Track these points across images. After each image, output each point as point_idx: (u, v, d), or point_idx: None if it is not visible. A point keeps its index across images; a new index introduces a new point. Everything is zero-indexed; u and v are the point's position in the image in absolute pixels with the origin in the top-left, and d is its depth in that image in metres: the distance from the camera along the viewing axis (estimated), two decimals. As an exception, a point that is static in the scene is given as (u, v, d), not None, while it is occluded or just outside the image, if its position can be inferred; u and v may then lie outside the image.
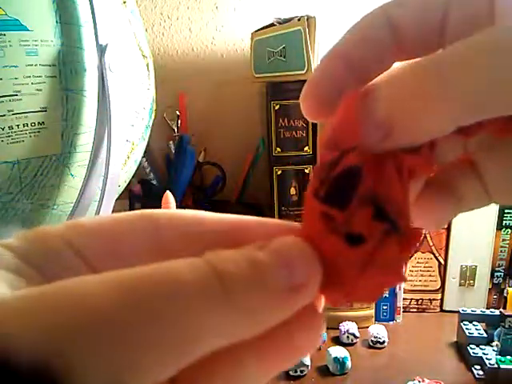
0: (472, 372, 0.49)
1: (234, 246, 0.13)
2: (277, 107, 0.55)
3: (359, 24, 0.16)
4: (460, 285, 0.61)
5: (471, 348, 0.51)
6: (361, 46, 0.16)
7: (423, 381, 0.45)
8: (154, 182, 0.66)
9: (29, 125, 0.36)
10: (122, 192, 0.51)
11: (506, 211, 0.58)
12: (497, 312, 0.53)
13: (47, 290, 0.10)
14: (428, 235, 0.60)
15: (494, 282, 0.61)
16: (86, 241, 0.15)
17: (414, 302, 0.63)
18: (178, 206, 0.53)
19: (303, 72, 0.52)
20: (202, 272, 0.12)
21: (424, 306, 0.63)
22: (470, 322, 0.54)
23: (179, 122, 0.68)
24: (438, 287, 0.62)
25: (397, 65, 0.17)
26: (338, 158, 0.15)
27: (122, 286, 0.11)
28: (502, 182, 0.18)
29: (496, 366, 0.46)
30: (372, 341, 0.54)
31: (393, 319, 0.60)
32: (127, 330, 0.10)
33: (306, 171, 0.56)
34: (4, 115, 0.34)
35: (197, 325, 0.11)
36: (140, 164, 0.52)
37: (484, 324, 0.54)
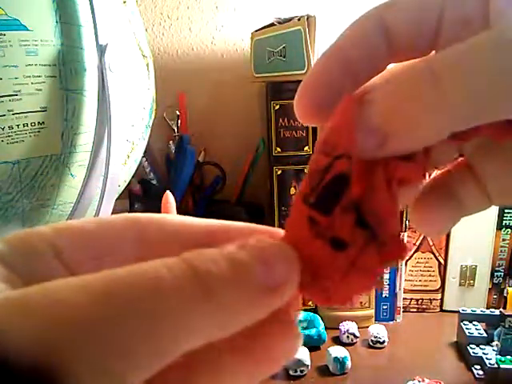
0: (472, 372, 0.49)
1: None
2: (277, 107, 0.55)
3: (353, 26, 0.16)
4: (460, 285, 0.61)
5: (471, 348, 0.51)
6: (355, 48, 0.16)
7: (423, 381, 0.45)
8: (154, 182, 0.66)
9: (29, 125, 0.36)
10: (122, 192, 0.51)
11: (506, 211, 0.58)
12: (497, 312, 0.53)
13: (28, 293, 0.10)
14: (428, 235, 0.60)
15: (494, 281, 0.61)
16: (70, 244, 0.15)
17: (413, 301, 0.63)
18: (178, 206, 0.53)
19: (303, 72, 0.52)
20: (180, 271, 0.12)
21: (424, 306, 0.63)
22: (470, 321, 0.54)
23: (179, 121, 0.68)
24: (437, 287, 0.62)
25: (392, 65, 0.17)
26: (329, 164, 0.15)
27: (97, 289, 0.11)
28: (500, 185, 0.17)
29: (496, 365, 0.46)
30: (372, 341, 0.54)
31: (393, 319, 0.60)
32: (103, 333, 0.10)
33: (306, 171, 0.56)
34: (4, 115, 0.34)
35: (175, 325, 0.11)
36: (140, 164, 0.52)
37: (484, 324, 0.54)
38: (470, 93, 0.13)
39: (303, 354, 0.49)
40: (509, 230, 0.59)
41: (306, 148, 0.56)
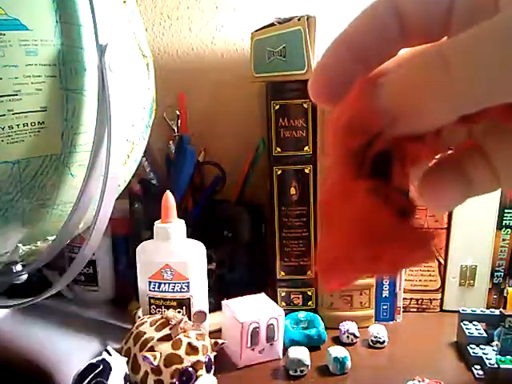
0: (472, 372, 0.49)
1: None
2: (277, 107, 0.55)
3: (365, 11, 0.16)
4: (460, 285, 0.61)
5: (471, 348, 0.51)
6: (368, 34, 0.16)
7: (423, 381, 0.45)
8: (154, 182, 0.66)
9: (29, 124, 0.36)
10: (122, 192, 0.51)
11: (506, 211, 0.58)
12: (497, 312, 0.53)
13: None
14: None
15: (494, 281, 0.61)
16: None
17: (413, 301, 0.63)
18: (178, 206, 0.53)
19: (303, 72, 0.52)
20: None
21: (424, 306, 0.63)
22: (470, 321, 0.54)
23: (179, 121, 0.68)
24: (437, 287, 0.62)
25: (404, 51, 0.17)
26: (368, 143, 0.16)
27: None
28: (509, 167, 0.18)
29: (496, 365, 0.46)
30: (372, 341, 0.54)
31: (393, 319, 0.60)
32: None
33: (306, 171, 0.56)
34: (4, 115, 0.34)
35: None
36: (140, 164, 0.52)
37: (484, 324, 0.54)
38: (478, 79, 0.13)
39: (303, 353, 0.49)
40: (509, 229, 0.59)
41: (306, 148, 0.56)
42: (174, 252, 0.51)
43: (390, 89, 0.15)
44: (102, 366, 0.39)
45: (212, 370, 0.46)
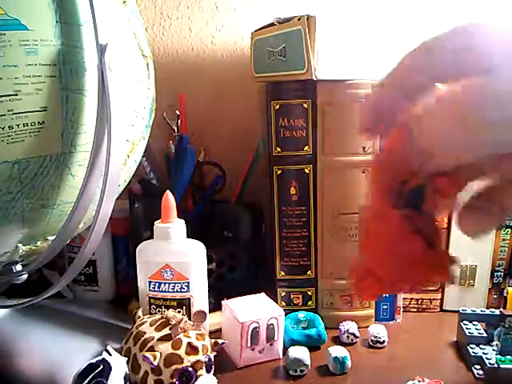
0: (472, 372, 0.49)
1: None
2: (277, 107, 0.55)
3: (407, 60, 0.20)
4: (460, 285, 0.61)
5: (471, 348, 0.51)
6: (411, 78, 0.19)
7: (423, 380, 0.45)
8: (154, 182, 0.66)
9: (29, 124, 0.36)
10: (122, 192, 0.51)
11: (506, 211, 0.58)
12: (497, 312, 0.53)
13: None
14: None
15: (494, 281, 0.61)
16: None
17: (413, 301, 0.63)
18: (178, 206, 0.53)
19: (303, 72, 0.52)
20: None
21: (424, 306, 0.63)
22: (470, 321, 0.54)
23: (179, 121, 0.68)
24: (437, 287, 0.62)
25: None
26: (405, 179, 0.19)
27: None
28: None
29: (496, 365, 0.46)
30: (372, 340, 0.54)
31: (393, 319, 0.60)
32: None
33: (306, 171, 0.56)
34: (4, 115, 0.34)
35: None
36: (140, 164, 0.52)
37: (484, 324, 0.54)
38: (486, 125, 0.16)
39: (303, 353, 0.49)
40: (509, 229, 0.59)
41: (306, 148, 0.56)
42: (174, 252, 0.51)
43: (424, 132, 0.18)
44: (102, 366, 0.39)
45: (212, 370, 0.46)
